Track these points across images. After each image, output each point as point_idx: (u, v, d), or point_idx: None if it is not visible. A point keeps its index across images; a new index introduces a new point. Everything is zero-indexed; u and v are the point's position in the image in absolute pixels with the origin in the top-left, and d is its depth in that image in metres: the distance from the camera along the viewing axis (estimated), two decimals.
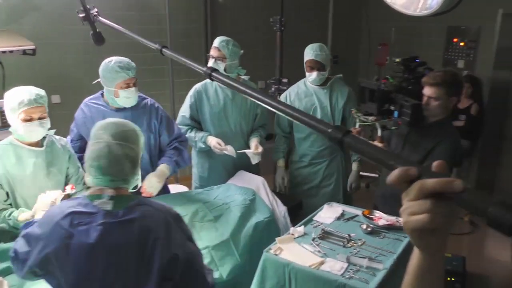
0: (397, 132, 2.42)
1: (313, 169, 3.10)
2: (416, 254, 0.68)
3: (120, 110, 2.47)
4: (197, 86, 2.90)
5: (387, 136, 2.49)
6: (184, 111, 2.90)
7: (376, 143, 2.14)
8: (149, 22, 4.58)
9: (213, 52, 2.78)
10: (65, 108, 4.35)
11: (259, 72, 5.12)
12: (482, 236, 4.05)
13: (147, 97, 2.63)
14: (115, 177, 1.40)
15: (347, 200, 3.10)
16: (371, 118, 2.17)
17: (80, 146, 2.47)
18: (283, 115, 0.85)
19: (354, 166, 3.08)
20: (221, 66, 2.75)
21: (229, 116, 2.88)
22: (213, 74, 1.12)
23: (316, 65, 2.89)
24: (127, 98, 2.41)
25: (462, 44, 4.40)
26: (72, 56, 4.30)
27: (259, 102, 0.91)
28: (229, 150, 2.74)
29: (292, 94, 3.09)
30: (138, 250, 1.36)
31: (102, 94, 2.54)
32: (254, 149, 2.80)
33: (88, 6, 2.40)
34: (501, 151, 4.47)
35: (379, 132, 2.31)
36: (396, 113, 2.07)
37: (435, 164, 0.58)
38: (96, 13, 2.36)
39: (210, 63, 2.77)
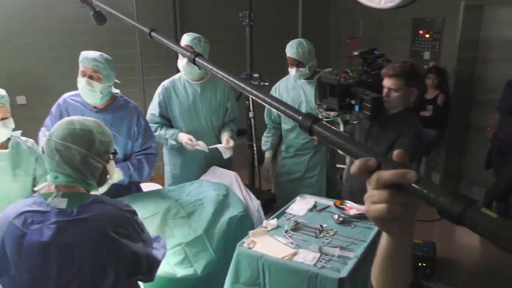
0: (359, 126, 2.43)
1: (297, 160, 3.17)
2: (383, 236, 0.70)
3: (100, 111, 2.38)
4: (165, 83, 2.87)
5: (350, 131, 2.51)
6: (153, 109, 2.87)
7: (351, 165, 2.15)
8: (118, 19, 4.48)
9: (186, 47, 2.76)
10: (31, 109, 4.24)
11: (231, 68, 5.01)
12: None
13: (130, 100, 2.54)
14: (57, 174, 1.40)
15: (331, 191, 3.14)
16: (332, 113, 2.14)
17: None
18: (258, 101, 0.86)
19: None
20: (195, 66, 2.74)
21: (199, 112, 2.87)
22: (197, 59, 1.13)
23: (294, 62, 2.96)
24: (83, 88, 2.29)
25: (427, 36, 4.51)
26: (37, 55, 4.18)
27: (239, 88, 0.92)
28: (201, 145, 2.73)
29: (281, 87, 3.19)
30: (94, 248, 1.36)
31: None
32: (225, 143, 2.80)
33: None
34: (467, 140, 4.62)
35: (341, 127, 2.32)
36: (357, 107, 2.05)
37: (395, 153, 0.60)
38: None
39: (183, 62, 2.73)
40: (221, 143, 2.86)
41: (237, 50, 4.99)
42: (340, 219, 2.23)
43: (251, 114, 3.82)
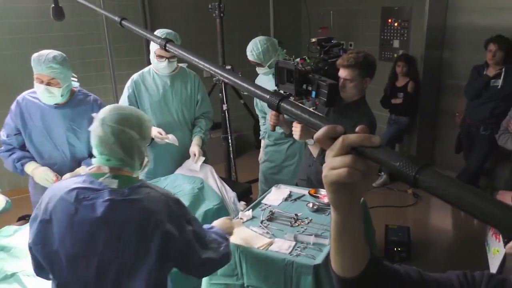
0: (319, 111, 2.46)
1: (277, 148, 3.23)
2: (332, 218, 0.73)
3: (59, 107, 2.35)
4: (134, 76, 2.83)
5: None
6: (123, 102, 2.82)
7: (295, 123, 2.16)
8: (83, 14, 4.39)
9: (164, 53, 2.66)
10: None
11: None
12: (425, 207, 4.30)
13: (90, 93, 2.52)
14: (110, 157, 1.44)
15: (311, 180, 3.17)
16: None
17: (19, 140, 2.37)
18: (226, 81, 0.87)
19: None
20: (175, 63, 2.78)
21: (170, 105, 2.84)
22: (168, 45, 1.11)
23: (253, 63, 3.04)
24: (42, 94, 2.25)
25: (396, 24, 4.58)
26: (2, 52, 4.04)
27: (212, 71, 0.94)
28: (171, 138, 2.69)
29: (263, 78, 3.20)
30: (140, 229, 1.41)
31: None
32: (194, 159, 2.75)
33: None
34: (437, 126, 4.73)
35: None
36: (313, 93, 2.06)
37: (358, 128, 0.62)
38: None
39: (163, 64, 2.70)
40: (191, 146, 2.84)
41: (208, 42, 4.96)
42: (315, 207, 2.26)
43: (225, 107, 3.81)
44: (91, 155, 2.39)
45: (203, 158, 2.78)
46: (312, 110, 0.68)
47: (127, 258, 1.41)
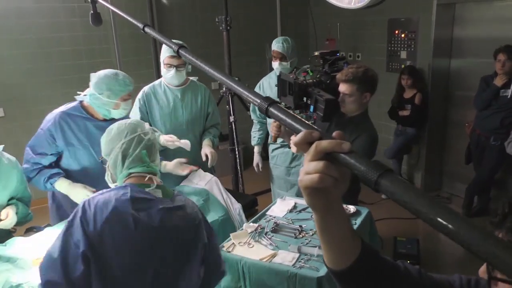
0: (318, 126, 2.44)
1: (284, 150, 3.27)
2: (314, 217, 0.77)
3: (107, 120, 2.38)
4: (145, 88, 2.88)
5: None
6: (134, 114, 2.84)
7: (293, 136, 2.16)
8: (94, 28, 4.47)
9: (171, 61, 2.71)
10: (9, 122, 4.19)
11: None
12: None
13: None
14: (156, 165, 1.53)
15: None
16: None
17: (51, 159, 2.33)
18: (224, 85, 0.92)
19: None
20: (183, 73, 2.79)
21: (180, 117, 2.86)
22: (180, 50, 1.14)
23: (278, 55, 3.12)
24: (125, 109, 2.38)
25: (403, 35, 4.57)
26: (14, 67, 4.13)
27: (210, 74, 0.96)
28: (183, 142, 2.66)
29: (265, 84, 3.33)
30: (190, 233, 1.47)
31: (80, 105, 2.40)
32: (209, 161, 2.78)
33: None
34: (446, 137, 4.68)
35: None
36: (312, 108, 2.05)
37: (334, 134, 0.64)
38: None
39: (171, 72, 2.73)
40: (202, 148, 2.87)
41: (216, 55, 5.01)
42: None
43: (232, 119, 3.83)
44: None
45: (215, 156, 2.79)
46: (298, 116, 0.70)
47: (180, 263, 1.46)
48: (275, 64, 3.18)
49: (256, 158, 3.45)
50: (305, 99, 2.08)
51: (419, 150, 4.71)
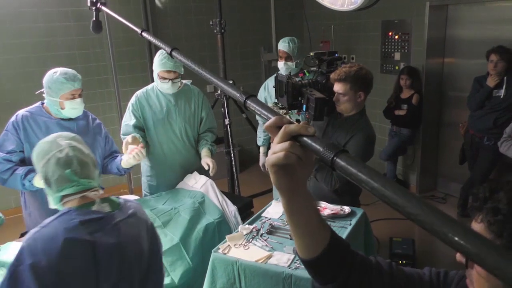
0: (316, 125, 2.44)
1: None
2: (280, 198, 0.81)
3: (64, 120, 2.41)
4: (138, 93, 2.85)
5: None
6: (127, 119, 2.83)
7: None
8: (88, 32, 4.46)
9: (167, 75, 2.69)
10: (2, 127, 4.16)
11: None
12: None
13: (88, 112, 2.60)
14: (90, 180, 1.40)
15: None
16: (282, 111, 2.14)
17: (21, 156, 2.34)
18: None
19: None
20: (178, 83, 2.79)
21: (173, 122, 2.83)
22: (173, 53, 1.16)
23: (284, 55, 3.13)
24: (73, 109, 2.37)
25: (396, 37, 4.60)
26: (8, 71, 4.12)
27: (213, 83, 1.00)
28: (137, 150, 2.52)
29: (270, 84, 3.28)
30: (147, 239, 1.46)
31: (42, 105, 2.45)
32: (211, 169, 2.76)
33: None
34: (441, 137, 4.71)
35: None
36: (304, 107, 2.06)
37: (301, 123, 0.70)
38: (103, 1, 2.26)
39: (167, 85, 2.71)
40: (197, 153, 2.86)
41: (210, 58, 5.02)
42: None
43: (227, 121, 3.84)
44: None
45: (214, 166, 2.77)
46: (271, 108, 0.76)
47: (146, 268, 1.46)
48: (280, 64, 3.16)
49: (262, 159, 3.41)
50: (300, 98, 2.09)
51: (414, 151, 4.73)
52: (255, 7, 5.51)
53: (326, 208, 2.35)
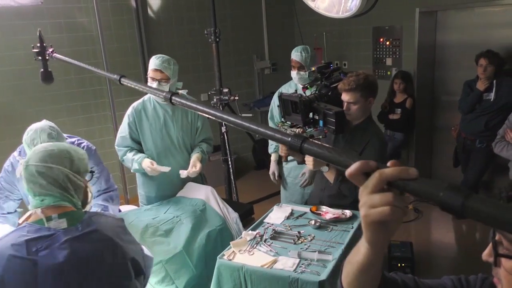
0: (324, 140, 2.45)
1: (295, 163, 3.21)
2: (363, 249, 0.71)
3: None
4: (135, 104, 2.81)
5: None
6: (123, 131, 2.80)
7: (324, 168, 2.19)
8: (81, 43, 4.49)
9: (154, 75, 2.67)
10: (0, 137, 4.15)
11: (201, 84, 5.16)
12: (426, 221, 4.31)
13: (83, 140, 2.45)
14: (44, 196, 1.38)
15: (324, 204, 3.16)
16: (297, 130, 2.15)
17: None
18: (250, 131, 0.87)
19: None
20: (165, 88, 2.69)
21: (171, 133, 2.80)
22: (173, 98, 1.10)
23: (296, 64, 3.09)
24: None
25: (387, 43, 4.69)
26: (2, 83, 4.10)
27: (220, 120, 0.93)
28: (163, 169, 2.64)
29: (283, 91, 3.26)
30: (107, 258, 1.40)
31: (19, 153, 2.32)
32: (191, 168, 2.72)
33: (45, 44, 2.28)
34: (434, 141, 4.79)
35: None
36: (321, 122, 2.07)
37: (389, 163, 0.61)
38: (52, 51, 2.25)
39: (153, 86, 2.63)
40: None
41: (205, 67, 5.05)
42: (317, 224, 2.27)
43: (223, 129, 3.86)
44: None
45: (199, 169, 2.73)
46: (336, 149, 0.67)
47: (111, 286, 1.40)
48: (294, 73, 3.12)
49: (273, 166, 3.35)
50: (311, 114, 2.09)
51: (407, 155, 4.79)
52: (247, 15, 5.57)
53: (328, 213, 2.37)
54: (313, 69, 2.47)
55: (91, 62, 4.55)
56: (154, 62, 2.67)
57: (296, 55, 3.10)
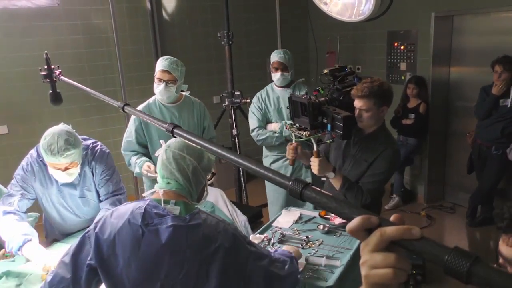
0: (335, 145, 2.41)
1: (283, 163, 3.33)
2: None
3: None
4: (140, 107, 2.82)
5: (325, 149, 2.47)
6: (129, 136, 2.82)
7: (313, 158, 2.15)
8: (97, 45, 4.55)
9: (162, 76, 2.68)
10: (13, 138, 4.22)
11: (213, 87, 5.18)
12: (439, 228, 4.24)
13: (98, 143, 2.40)
14: (170, 180, 1.51)
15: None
16: (305, 133, 2.10)
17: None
18: (248, 170, 0.82)
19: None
20: (172, 89, 2.72)
21: None
22: (175, 130, 1.12)
23: (280, 66, 3.18)
24: (61, 177, 2.16)
25: (402, 47, 4.64)
26: (19, 84, 4.18)
27: (223, 157, 0.89)
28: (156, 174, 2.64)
29: (263, 94, 3.39)
30: (201, 253, 1.44)
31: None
32: None
33: (52, 66, 2.31)
34: (448, 147, 4.71)
35: (314, 147, 2.22)
36: (329, 126, 2.01)
37: (393, 217, 0.59)
38: (59, 73, 2.27)
39: (160, 87, 2.69)
40: None
41: (218, 69, 5.06)
42: (326, 228, 2.25)
43: (234, 132, 3.86)
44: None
45: None
46: (337, 199, 0.64)
47: (189, 282, 1.44)
48: (277, 75, 3.21)
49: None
50: (320, 118, 2.03)
51: (421, 161, 4.72)
52: (261, 18, 5.57)
53: (337, 218, 2.35)
54: (325, 71, 2.44)
55: (106, 63, 4.61)
56: (162, 63, 2.70)
57: (279, 57, 3.20)
